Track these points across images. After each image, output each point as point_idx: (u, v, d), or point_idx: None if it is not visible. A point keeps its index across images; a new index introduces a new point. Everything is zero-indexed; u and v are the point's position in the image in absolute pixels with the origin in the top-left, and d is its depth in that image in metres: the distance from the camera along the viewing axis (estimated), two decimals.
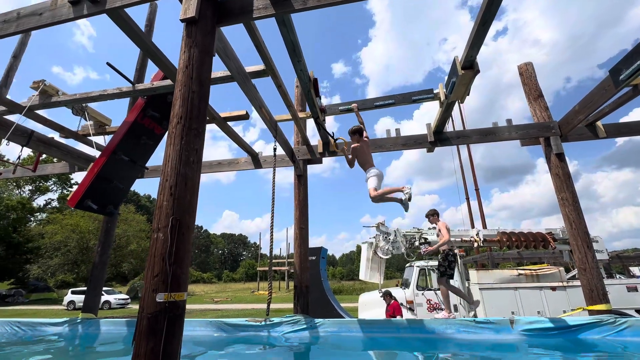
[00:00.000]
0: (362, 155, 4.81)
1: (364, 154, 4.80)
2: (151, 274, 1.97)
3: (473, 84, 4.32)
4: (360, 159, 4.85)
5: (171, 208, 2.09)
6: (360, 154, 4.81)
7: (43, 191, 37.36)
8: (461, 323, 4.99)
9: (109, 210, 4.90)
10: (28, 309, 23.92)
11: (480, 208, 25.06)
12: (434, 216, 6.00)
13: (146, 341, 1.82)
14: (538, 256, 14.01)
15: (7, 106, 4.88)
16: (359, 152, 4.80)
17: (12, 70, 8.05)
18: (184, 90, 2.38)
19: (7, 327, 6.19)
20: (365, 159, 4.79)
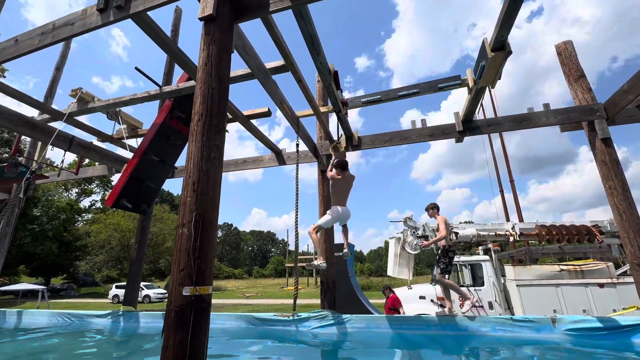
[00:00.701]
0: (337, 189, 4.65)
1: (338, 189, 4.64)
2: (177, 268, 2.01)
3: (504, 69, 4.05)
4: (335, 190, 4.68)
5: (194, 204, 2.12)
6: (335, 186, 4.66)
7: (88, 193, 40.28)
8: (497, 321, 4.74)
9: (142, 208, 5.15)
10: (79, 302, 26.00)
11: (516, 201, 23.68)
12: (433, 210, 5.70)
13: (174, 333, 1.87)
14: (582, 251, 13.01)
15: (50, 114, 5.25)
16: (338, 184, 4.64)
17: (56, 82, 8.70)
18: (204, 87, 2.41)
19: (60, 317, 6.74)
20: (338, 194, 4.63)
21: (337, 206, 4.58)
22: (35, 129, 5.34)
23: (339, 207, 4.59)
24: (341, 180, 4.61)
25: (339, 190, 4.63)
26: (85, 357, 4.35)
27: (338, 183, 4.61)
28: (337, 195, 4.62)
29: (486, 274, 7.40)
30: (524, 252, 13.24)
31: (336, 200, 4.62)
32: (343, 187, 4.66)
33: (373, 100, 5.10)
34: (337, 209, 4.55)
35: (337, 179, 4.60)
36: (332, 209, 4.57)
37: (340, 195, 4.63)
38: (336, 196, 4.63)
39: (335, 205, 4.59)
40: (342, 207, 4.62)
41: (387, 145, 6.00)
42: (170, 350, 1.84)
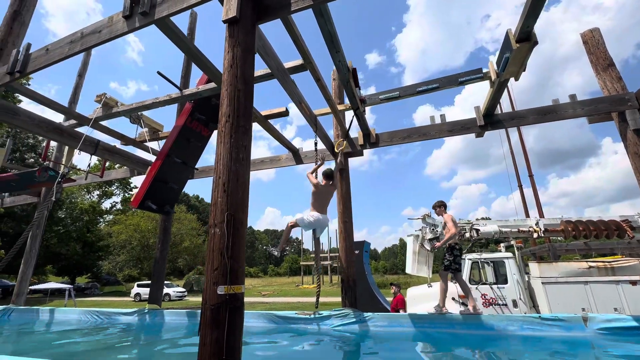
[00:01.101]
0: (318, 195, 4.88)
1: (320, 196, 4.88)
2: (211, 268, 2.05)
3: None
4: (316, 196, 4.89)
5: (225, 204, 2.16)
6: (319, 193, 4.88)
7: (109, 195, 41.61)
8: (524, 319, 4.62)
9: (166, 209, 5.29)
10: (103, 300, 26.95)
11: (536, 196, 22.97)
12: (440, 208, 5.61)
13: (211, 331, 1.91)
14: (609, 247, 12.55)
15: (76, 119, 5.44)
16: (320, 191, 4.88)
17: (79, 88, 9.00)
18: (230, 89, 2.44)
19: (89, 315, 7.01)
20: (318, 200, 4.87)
21: (316, 212, 4.83)
22: (64, 134, 5.55)
23: (318, 214, 4.83)
24: (324, 188, 4.90)
25: (320, 197, 4.89)
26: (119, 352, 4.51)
27: (320, 190, 4.87)
28: (318, 201, 4.88)
29: (509, 271, 7.22)
30: (546, 249, 12.85)
31: (317, 207, 4.86)
32: (325, 196, 4.93)
33: (391, 97, 5.05)
34: (317, 215, 4.81)
35: (321, 186, 4.89)
36: (312, 213, 4.81)
37: (320, 203, 4.89)
38: (317, 202, 4.88)
39: (314, 210, 4.84)
40: (321, 214, 4.87)
41: (405, 142, 5.93)
42: (207, 347, 1.88)
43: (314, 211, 4.81)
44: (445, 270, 5.33)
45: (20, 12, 4.72)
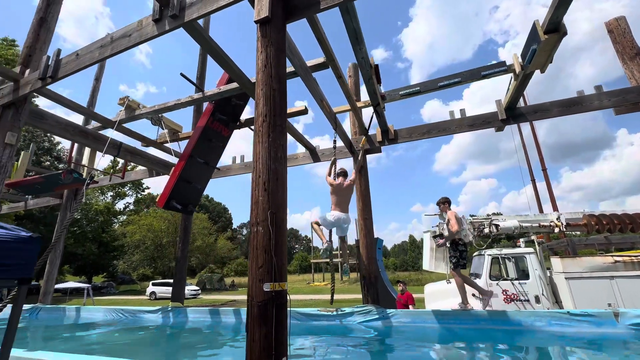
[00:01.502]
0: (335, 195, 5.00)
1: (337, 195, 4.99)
2: (256, 265, 2.08)
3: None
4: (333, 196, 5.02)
5: (267, 202, 2.18)
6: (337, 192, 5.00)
7: (122, 196, 42.39)
8: (552, 315, 4.56)
9: (190, 209, 5.37)
10: (119, 298, 27.54)
11: (550, 190, 22.51)
12: (444, 204, 5.65)
13: (259, 327, 1.94)
14: (630, 241, 12.24)
15: (101, 122, 5.56)
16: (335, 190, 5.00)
17: (96, 91, 9.17)
18: (266, 88, 2.46)
19: (114, 313, 7.18)
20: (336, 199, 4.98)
21: (336, 211, 4.93)
22: (89, 137, 5.68)
23: (339, 212, 4.92)
24: (339, 186, 4.99)
25: (337, 196, 5.00)
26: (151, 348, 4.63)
27: (336, 189, 4.99)
28: (336, 200, 4.99)
29: (531, 266, 7.11)
30: (565, 244, 12.61)
31: (336, 206, 4.97)
32: (341, 194, 5.02)
33: (412, 92, 5.02)
34: (337, 214, 4.90)
35: (335, 184, 5.00)
36: (332, 213, 4.93)
37: (339, 201, 4.99)
38: (335, 202, 4.99)
39: (335, 210, 4.94)
40: (342, 213, 4.95)
41: (425, 137, 5.89)
42: (257, 343, 1.92)
43: (334, 210, 4.90)
44: (456, 268, 5.32)
45: (46, 18, 4.84)
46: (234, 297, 24.93)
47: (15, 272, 1.41)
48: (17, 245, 1.42)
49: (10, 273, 1.39)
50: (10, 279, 1.38)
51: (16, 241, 1.42)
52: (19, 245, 1.43)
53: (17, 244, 1.42)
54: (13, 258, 1.41)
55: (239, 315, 6.24)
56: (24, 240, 1.45)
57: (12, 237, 1.42)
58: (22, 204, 9.80)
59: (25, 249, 1.46)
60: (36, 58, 4.57)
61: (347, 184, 5.08)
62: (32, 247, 1.49)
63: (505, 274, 7.24)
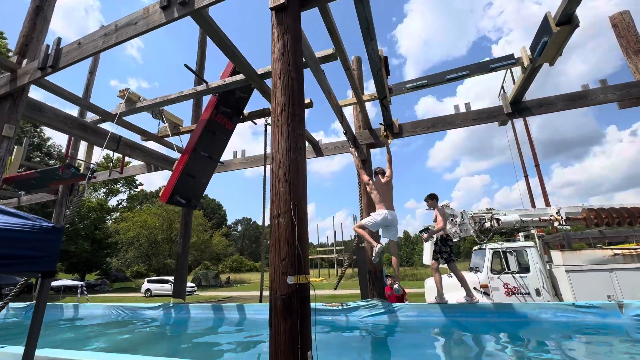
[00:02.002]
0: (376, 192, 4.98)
1: (381, 192, 4.96)
2: (278, 258, 2.03)
3: None
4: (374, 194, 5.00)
5: (288, 194, 2.13)
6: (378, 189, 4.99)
7: (115, 192, 41.78)
8: (558, 307, 4.61)
9: (193, 204, 5.28)
10: (113, 296, 27.25)
11: (542, 185, 22.75)
12: (432, 200, 5.67)
13: (284, 321, 1.90)
14: (624, 235, 12.48)
15: (101, 115, 5.41)
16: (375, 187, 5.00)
17: (90, 85, 8.95)
18: (284, 77, 2.40)
19: (114, 310, 7.08)
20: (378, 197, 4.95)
21: (381, 209, 4.87)
22: (88, 130, 5.53)
23: (385, 210, 4.85)
24: (377, 183, 5.00)
25: (378, 193, 4.95)
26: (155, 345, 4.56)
27: (376, 186, 4.96)
28: (378, 198, 4.94)
29: (531, 260, 7.20)
30: (560, 238, 12.82)
31: (379, 203, 4.92)
32: (381, 191, 4.96)
33: (419, 86, 4.98)
34: (383, 212, 4.84)
35: (373, 182, 5.01)
36: (378, 212, 4.89)
37: (381, 198, 4.93)
38: (377, 199, 4.94)
39: (379, 208, 4.90)
40: (387, 210, 4.88)
41: (429, 131, 5.86)
42: (281, 336, 1.87)
43: (380, 209, 4.86)
44: (450, 263, 5.33)
45: (42, 7, 4.66)
46: (231, 293, 24.86)
47: (38, 265, 1.33)
48: (39, 236, 1.34)
49: (33, 266, 1.31)
50: (33, 272, 1.30)
51: (38, 232, 1.34)
52: (41, 235, 1.34)
53: (40, 234, 1.34)
54: (35, 250, 1.33)
55: (242, 310, 6.19)
56: (46, 230, 1.37)
57: (34, 228, 1.33)
58: (15, 200, 9.55)
59: (47, 239, 1.38)
60: (33, 47, 4.40)
61: (385, 180, 5.07)
62: (54, 238, 1.41)
63: (506, 268, 7.31)
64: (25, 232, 1.30)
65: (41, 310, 1.28)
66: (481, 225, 8.03)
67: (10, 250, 1.24)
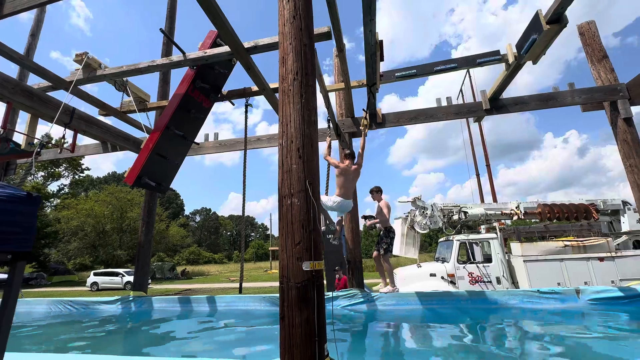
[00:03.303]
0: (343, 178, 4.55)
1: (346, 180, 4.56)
2: (292, 242, 1.82)
3: None
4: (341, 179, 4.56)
5: (302, 171, 1.92)
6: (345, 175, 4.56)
7: (56, 177, 37.58)
8: (525, 293, 4.93)
9: (163, 187, 4.78)
10: (53, 290, 24.60)
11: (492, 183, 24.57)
12: (377, 193, 5.68)
13: (299, 311, 1.71)
14: (562, 229, 13.94)
15: (52, 81, 4.65)
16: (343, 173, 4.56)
17: (32, 50, 7.80)
18: (295, 43, 2.15)
19: (60, 306, 6.28)
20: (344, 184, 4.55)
21: (340, 197, 4.51)
22: (34, 98, 4.73)
23: (342, 199, 4.51)
24: (347, 169, 4.53)
25: (345, 180, 4.55)
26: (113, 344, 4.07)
27: (344, 172, 4.52)
28: (344, 185, 4.54)
29: (494, 250, 7.69)
30: (512, 231, 13.99)
31: (342, 191, 4.53)
32: (349, 178, 4.59)
33: (408, 75, 4.95)
34: (339, 200, 4.49)
35: (343, 166, 4.51)
36: (335, 198, 4.50)
37: (346, 186, 4.56)
38: (342, 186, 4.53)
39: (339, 195, 4.52)
40: (345, 200, 4.55)
41: (412, 123, 5.91)
42: (296, 328, 1.68)
43: (339, 196, 4.47)
44: (386, 253, 5.36)
45: None
46: (188, 286, 23.73)
47: (8, 244, 0.98)
48: (9, 206, 0.98)
49: (1, 245, 0.96)
50: (2, 253, 0.96)
51: (8, 201, 0.98)
52: (12, 206, 0.98)
53: (10, 204, 0.98)
54: (5, 224, 0.97)
55: (213, 302, 5.82)
56: (19, 199, 1.01)
57: (5, 196, 0.97)
58: None
59: (20, 211, 1.02)
60: None
61: (354, 167, 4.63)
62: (29, 211, 1.05)
63: (471, 258, 7.73)
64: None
65: (11, 305, 0.95)
66: (449, 218, 8.40)
67: None
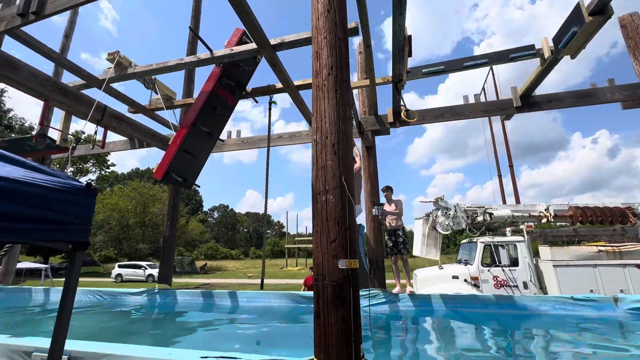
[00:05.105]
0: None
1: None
2: (327, 240, 1.79)
3: None
4: None
5: (337, 168, 1.88)
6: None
7: (84, 172, 39.32)
8: (557, 300, 4.70)
9: (189, 183, 4.87)
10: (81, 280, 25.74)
11: (514, 185, 23.70)
12: (388, 192, 5.52)
13: (335, 310, 1.68)
14: (593, 234, 13.26)
15: (86, 79, 4.82)
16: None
17: (65, 50, 8.12)
18: (330, 37, 2.11)
19: (91, 295, 6.55)
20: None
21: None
22: (69, 96, 4.94)
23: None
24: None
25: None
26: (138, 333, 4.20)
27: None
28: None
29: (521, 254, 7.39)
30: (538, 234, 13.43)
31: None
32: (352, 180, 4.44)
33: (436, 71, 4.81)
34: None
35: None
36: None
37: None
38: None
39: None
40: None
41: (437, 121, 5.76)
42: (332, 327, 1.65)
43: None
44: (390, 255, 5.27)
45: None
46: (207, 280, 24.26)
47: (69, 234, 1.01)
48: (71, 197, 1.01)
49: (63, 234, 0.98)
50: (64, 242, 0.98)
51: (70, 192, 1.00)
52: (73, 197, 1.01)
53: (72, 195, 1.01)
54: (67, 214, 0.99)
55: (235, 297, 5.90)
56: (79, 191, 1.03)
57: (65, 186, 1.00)
58: None
59: (80, 203, 1.05)
60: None
61: (356, 167, 4.55)
62: (88, 202, 1.07)
63: (497, 261, 7.46)
64: (56, 190, 0.96)
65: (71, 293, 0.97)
66: (473, 219, 8.14)
67: (38, 212, 0.89)
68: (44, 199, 0.92)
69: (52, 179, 0.99)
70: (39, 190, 0.92)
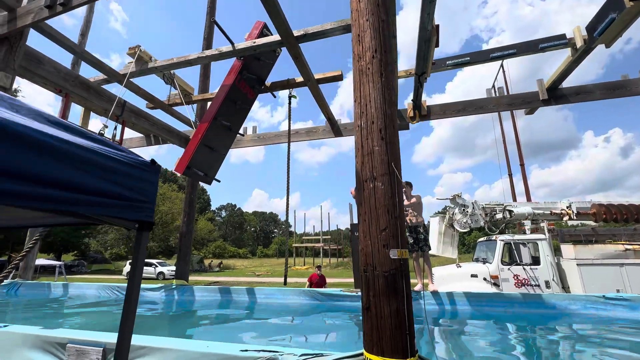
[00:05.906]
0: None
1: None
2: (376, 229, 1.71)
3: None
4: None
5: (385, 153, 1.80)
6: None
7: None
8: (587, 299, 4.54)
9: (209, 177, 4.84)
10: (93, 277, 26.16)
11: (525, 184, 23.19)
12: (408, 187, 5.34)
13: (387, 302, 1.59)
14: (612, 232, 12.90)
15: (107, 74, 4.82)
16: None
17: (82, 47, 8.16)
18: (372, 19, 2.03)
19: (108, 290, 6.58)
20: None
21: None
22: (90, 90, 4.93)
23: None
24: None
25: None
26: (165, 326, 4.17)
27: None
28: None
29: (543, 252, 7.21)
30: (555, 233, 13.14)
31: None
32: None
33: (462, 63, 4.68)
34: None
35: None
36: None
37: None
38: None
39: None
40: None
41: (459, 115, 5.62)
42: (386, 320, 1.57)
43: None
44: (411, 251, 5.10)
45: None
46: (217, 278, 24.40)
47: (136, 212, 0.94)
48: (138, 172, 0.94)
49: (129, 211, 0.91)
50: (130, 221, 0.92)
51: (136, 167, 0.94)
52: (140, 173, 0.94)
53: (139, 170, 0.94)
54: (132, 190, 0.93)
55: (252, 294, 5.87)
56: (145, 166, 0.97)
57: (132, 161, 0.93)
58: None
59: (145, 179, 0.98)
60: None
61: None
62: (152, 179, 1.01)
63: (518, 259, 7.29)
64: (122, 163, 0.90)
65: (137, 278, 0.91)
66: (492, 217, 7.97)
67: (108, 185, 0.83)
68: (110, 170, 0.85)
69: (116, 152, 0.93)
70: (106, 161, 0.85)
